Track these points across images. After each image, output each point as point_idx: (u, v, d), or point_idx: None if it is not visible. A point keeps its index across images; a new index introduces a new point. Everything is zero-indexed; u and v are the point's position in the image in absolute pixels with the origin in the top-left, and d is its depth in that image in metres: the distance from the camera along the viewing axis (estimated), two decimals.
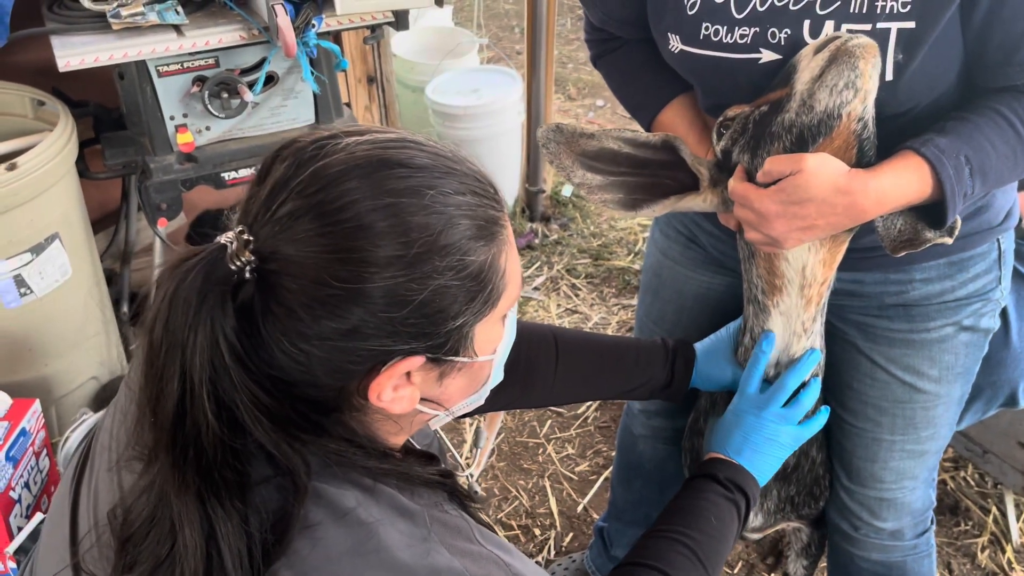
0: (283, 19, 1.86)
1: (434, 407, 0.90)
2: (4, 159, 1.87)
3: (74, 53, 1.83)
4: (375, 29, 2.18)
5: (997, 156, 1.10)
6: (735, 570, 2.11)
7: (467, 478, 1.23)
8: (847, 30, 1.08)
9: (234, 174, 2.06)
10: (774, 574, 2.10)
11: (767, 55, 1.13)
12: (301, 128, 2.17)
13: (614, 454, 1.90)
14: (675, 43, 1.20)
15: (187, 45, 1.91)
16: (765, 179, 1.08)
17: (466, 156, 0.85)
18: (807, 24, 1.10)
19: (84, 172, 2.10)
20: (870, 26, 1.07)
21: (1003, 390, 1.77)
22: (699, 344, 1.38)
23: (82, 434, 1.62)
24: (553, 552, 2.19)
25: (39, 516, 1.63)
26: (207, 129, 2.08)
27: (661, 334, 1.51)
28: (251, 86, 2.03)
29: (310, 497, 0.79)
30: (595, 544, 2.01)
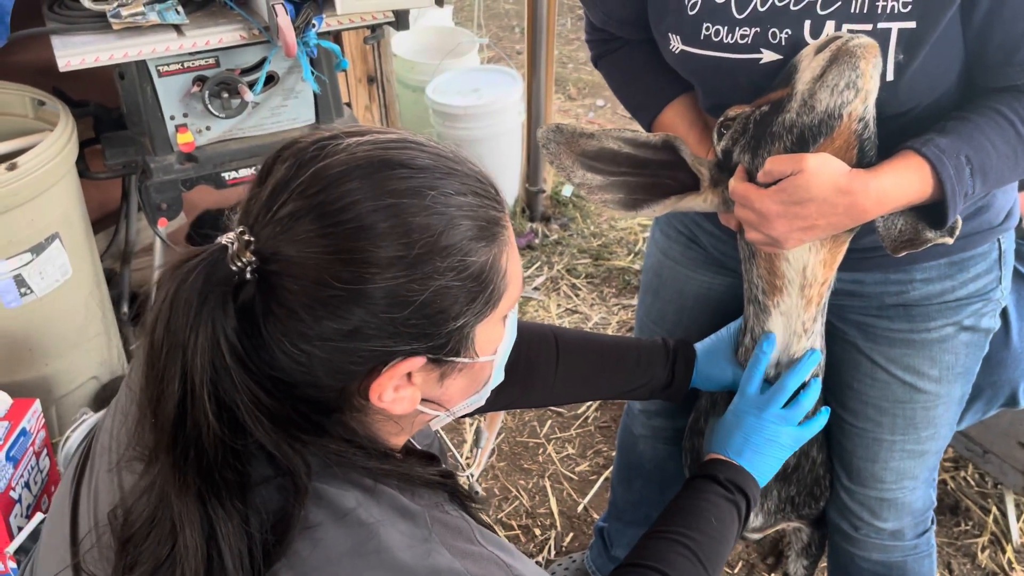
0: (283, 19, 1.86)
1: (435, 408, 0.90)
2: (4, 159, 1.87)
3: (74, 53, 1.83)
4: (375, 29, 2.18)
5: (998, 156, 1.10)
6: (735, 570, 2.11)
7: (467, 478, 1.23)
8: (848, 30, 1.08)
9: (234, 174, 2.06)
10: (774, 574, 2.10)
11: (768, 55, 1.13)
12: (301, 128, 2.17)
13: (614, 454, 1.90)
14: (676, 43, 1.20)
15: (187, 45, 1.91)
16: (766, 179, 1.08)
17: (467, 157, 0.85)
18: (808, 24, 1.10)
19: (84, 172, 2.10)
20: (871, 26, 1.07)
21: (1003, 390, 1.77)
22: (699, 344, 1.38)
23: (82, 434, 1.62)
24: (553, 552, 2.19)
25: (39, 516, 1.63)
26: (207, 129, 2.07)
27: (661, 334, 1.51)
28: (251, 86, 2.02)
29: (311, 498, 0.79)
30: (595, 544, 2.00)
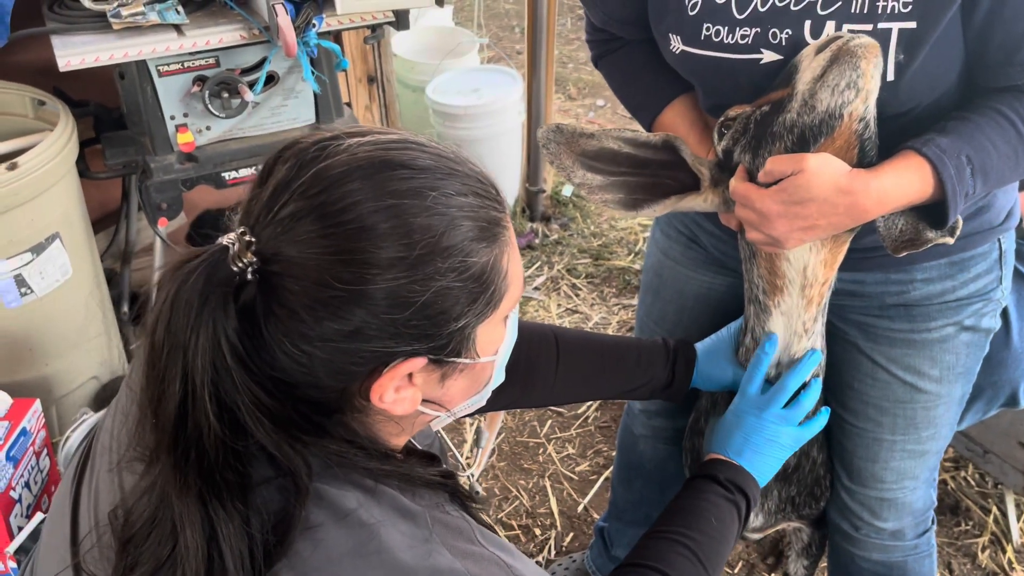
0: (284, 19, 1.86)
1: (436, 408, 0.90)
2: (4, 159, 1.87)
3: (74, 53, 1.83)
4: (375, 29, 2.18)
5: (998, 156, 1.10)
6: (735, 570, 2.11)
7: (468, 478, 1.23)
8: (848, 30, 1.08)
9: (234, 174, 2.06)
10: (774, 574, 2.10)
11: (768, 55, 1.13)
12: (302, 128, 2.17)
13: (614, 454, 1.90)
14: (676, 44, 1.19)
15: (187, 45, 1.91)
16: (766, 179, 1.08)
17: (468, 157, 0.85)
18: (808, 24, 1.10)
19: (84, 172, 2.10)
20: (871, 26, 1.06)
21: (1004, 390, 1.77)
22: (700, 344, 1.38)
23: (82, 434, 1.62)
24: (553, 552, 2.19)
25: (39, 516, 1.63)
26: (207, 129, 2.07)
27: (662, 334, 1.51)
28: (251, 86, 2.02)
29: (311, 498, 0.79)
30: (595, 544, 2.00)
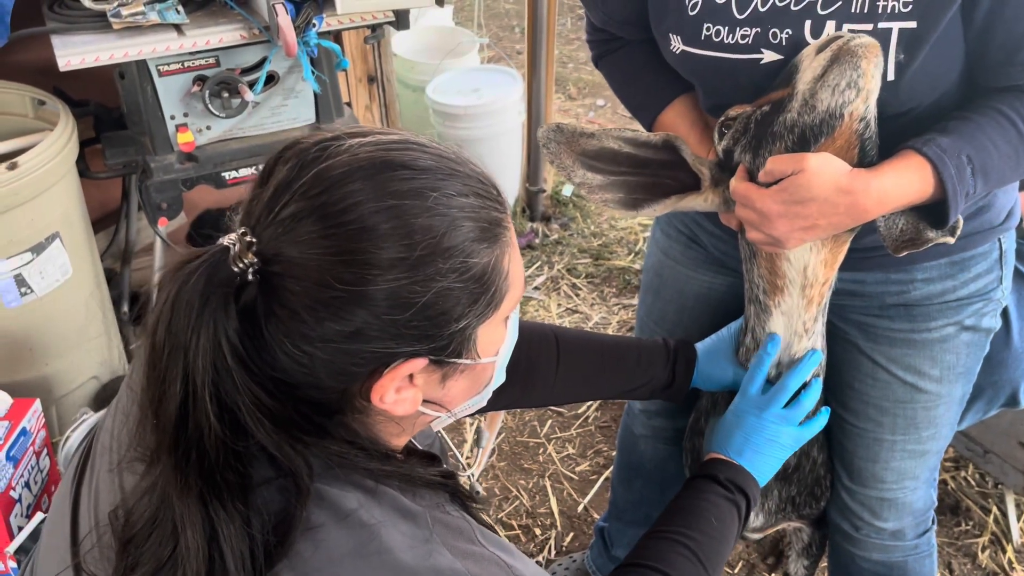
0: (284, 18, 1.86)
1: (436, 409, 0.90)
2: (5, 158, 1.87)
3: (75, 52, 1.83)
4: (376, 28, 2.18)
5: (999, 156, 1.09)
6: (736, 570, 2.11)
7: (468, 478, 1.23)
8: (849, 30, 1.08)
9: (235, 173, 2.06)
10: (775, 574, 2.10)
11: (768, 55, 1.13)
12: (302, 127, 2.17)
13: (614, 454, 1.90)
14: (676, 44, 1.19)
15: (188, 44, 1.91)
16: (767, 179, 1.08)
17: (469, 158, 0.85)
18: (808, 24, 1.10)
19: (84, 172, 2.10)
20: (871, 26, 1.06)
21: (1004, 390, 1.77)
22: (700, 344, 1.38)
23: (82, 434, 1.62)
24: (554, 552, 2.18)
25: (39, 516, 1.63)
26: (208, 128, 2.07)
27: (662, 334, 1.51)
28: (252, 85, 2.02)
29: (312, 499, 0.79)
30: (596, 544, 2.00)
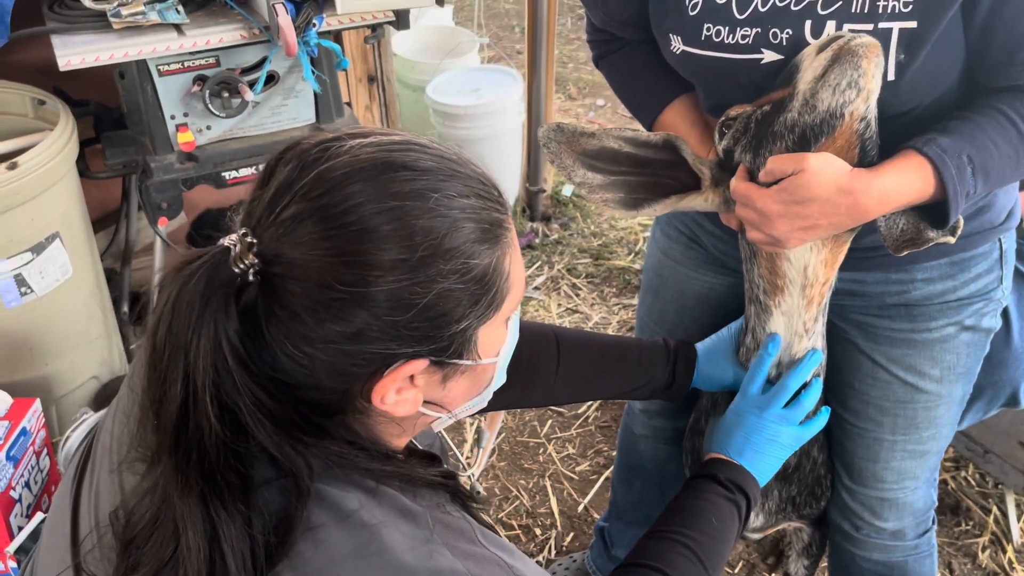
0: (284, 18, 1.86)
1: (437, 409, 0.90)
2: (5, 158, 1.87)
3: (75, 52, 1.83)
4: (376, 28, 2.18)
5: (999, 155, 1.09)
6: (736, 570, 2.11)
7: (469, 478, 1.23)
8: (849, 30, 1.08)
9: (235, 173, 2.06)
10: (775, 574, 2.10)
11: (769, 55, 1.13)
12: (302, 127, 2.17)
13: (615, 454, 1.90)
14: (677, 44, 1.19)
15: (188, 44, 1.91)
16: (767, 179, 1.08)
17: (470, 159, 0.85)
18: (808, 24, 1.10)
19: (85, 171, 2.10)
20: (872, 26, 1.06)
21: (1004, 390, 1.77)
22: (700, 344, 1.38)
23: (83, 434, 1.62)
24: (554, 552, 2.18)
25: (39, 516, 1.63)
26: (208, 128, 2.07)
27: (662, 334, 1.51)
28: (252, 85, 2.02)
29: (313, 499, 0.79)
30: (596, 544, 2.00)
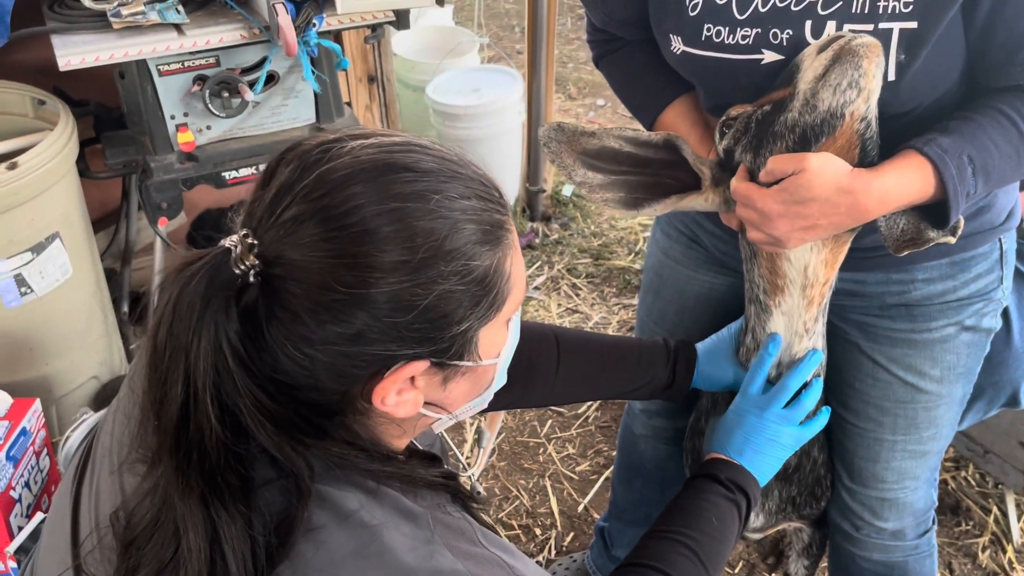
0: (284, 18, 1.86)
1: (438, 411, 0.90)
2: (5, 158, 1.87)
3: (75, 52, 1.83)
4: (376, 28, 2.18)
5: (1000, 155, 1.09)
6: (736, 570, 2.11)
7: (469, 478, 1.23)
8: (849, 30, 1.07)
9: (235, 173, 2.06)
10: (775, 574, 2.10)
11: (769, 56, 1.13)
12: (302, 127, 2.17)
13: (615, 454, 1.90)
14: (677, 44, 1.19)
15: (188, 44, 1.91)
16: (768, 178, 1.08)
17: (471, 160, 0.84)
18: (809, 25, 1.10)
19: (85, 171, 2.10)
20: (872, 26, 1.06)
21: (1005, 390, 1.77)
22: (700, 344, 1.38)
23: (83, 434, 1.62)
24: (554, 552, 2.18)
25: (39, 516, 1.63)
26: (208, 128, 2.07)
27: (662, 334, 1.51)
28: (252, 85, 2.02)
29: (313, 500, 0.79)
30: (596, 544, 2.00)
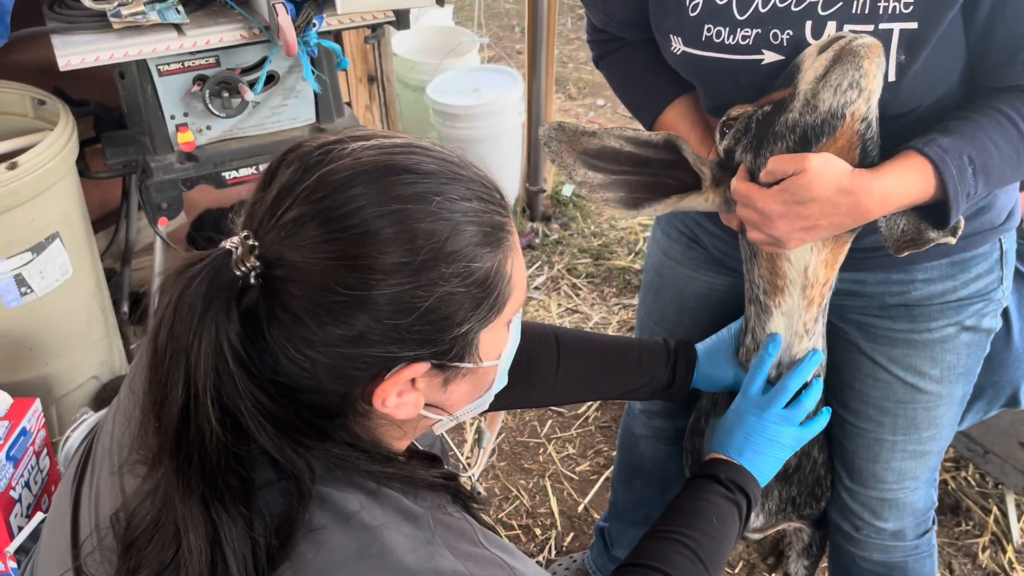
0: (284, 18, 1.86)
1: (438, 412, 0.90)
2: (5, 158, 1.87)
3: (75, 52, 1.83)
4: (376, 28, 2.18)
5: (1000, 156, 1.09)
6: (736, 570, 2.11)
7: (469, 479, 1.23)
8: (850, 31, 1.07)
9: (235, 173, 2.06)
10: (775, 574, 2.10)
11: (769, 56, 1.13)
12: (302, 127, 2.17)
13: (615, 454, 1.90)
14: (677, 45, 1.19)
15: (188, 44, 1.91)
16: (768, 179, 1.08)
17: (472, 161, 0.84)
18: (809, 25, 1.10)
19: (85, 171, 2.10)
20: (872, 27, 1.06)
21: (1005, 390, 1.77)
22: (700, 344, 1.38)
23: (83, 434, 1.62)
24: (554, 552, 2.19)
25: (39, 516, 1.63)
26: (208, 128, 2.07)
27: (662, 334, 1.51)
28: (252, 85, 2.02)
29: (314, 501, 0.79)
30: (596, 544, 2.00)
